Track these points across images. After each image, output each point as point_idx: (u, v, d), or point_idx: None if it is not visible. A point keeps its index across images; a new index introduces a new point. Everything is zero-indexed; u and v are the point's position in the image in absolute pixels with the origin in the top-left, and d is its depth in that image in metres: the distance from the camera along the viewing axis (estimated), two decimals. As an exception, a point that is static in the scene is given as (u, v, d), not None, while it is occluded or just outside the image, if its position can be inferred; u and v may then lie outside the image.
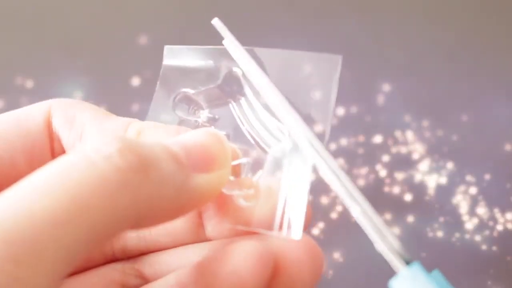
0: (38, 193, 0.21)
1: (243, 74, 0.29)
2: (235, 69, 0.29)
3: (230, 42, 0.29)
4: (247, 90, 0.29)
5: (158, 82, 0.31)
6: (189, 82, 0.31)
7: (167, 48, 0.32)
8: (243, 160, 0.28)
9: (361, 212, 0.26)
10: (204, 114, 0.29)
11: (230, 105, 0.29)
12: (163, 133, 0.28)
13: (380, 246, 0.26)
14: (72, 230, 0.21)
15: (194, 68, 0.30)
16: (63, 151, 0.29)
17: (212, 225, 0.28)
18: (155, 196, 0.23)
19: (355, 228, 0.49)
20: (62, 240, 0.20)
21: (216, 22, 0.29)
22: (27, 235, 0.20)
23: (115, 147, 0.22)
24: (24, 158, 0.29)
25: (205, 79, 0.30)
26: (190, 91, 0.30)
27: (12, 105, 0.56)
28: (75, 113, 0.29)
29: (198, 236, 0.28)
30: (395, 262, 0.25)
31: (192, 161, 0.24)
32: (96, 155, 0.22)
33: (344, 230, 0.48)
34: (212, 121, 0.29)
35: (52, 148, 0.29)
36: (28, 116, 0.30)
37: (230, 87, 0.29)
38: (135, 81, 0.57)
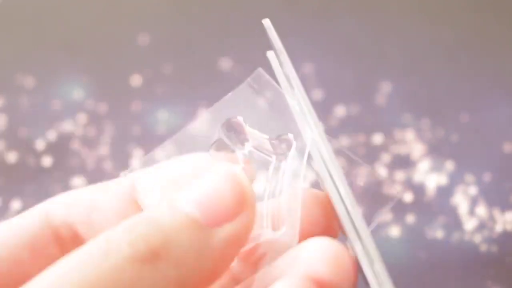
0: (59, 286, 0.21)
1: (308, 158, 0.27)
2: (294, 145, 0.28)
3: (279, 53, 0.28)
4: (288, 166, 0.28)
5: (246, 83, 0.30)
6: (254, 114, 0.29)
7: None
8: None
9: (362, 249, 0.25)
10: (246, 148, 0.28)
11: (271, 160, 0.28)
12: (177, 177, 0.27)
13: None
14: None
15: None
16: (73, 235, 0.29)
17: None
18: (178, 275, 0.22)
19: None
20: None
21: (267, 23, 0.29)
22: None
23: (124, 240, 0.22)
24: (26, 253, 0.28)
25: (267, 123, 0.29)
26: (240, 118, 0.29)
27: (12, 104, 0.56)
28: (75, 196, 0.29)
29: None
30: None
31: (210, 216, 0.23)
32: (108, 246, 0.22)
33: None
34: (247, 157, 0.28)
35: (56, 238, 0.29)
36: (25, 217, 0.29)
37: (281, 151, 0.28)
38: (135, 81, 0.57)
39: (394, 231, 0.48)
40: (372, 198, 0.29)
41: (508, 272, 0.46)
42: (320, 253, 0.24)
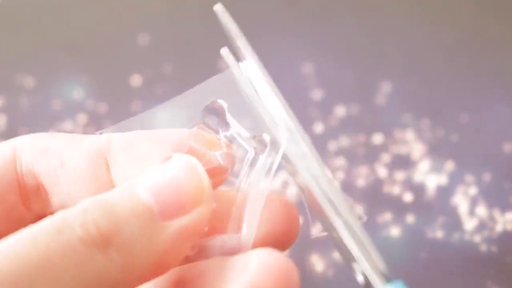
0: (5, 255, 0.21)
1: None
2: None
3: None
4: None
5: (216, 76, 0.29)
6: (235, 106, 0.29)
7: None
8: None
9: (343, 224, 0.25)
10: (229, 131, 0.28)
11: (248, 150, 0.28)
12: (150, 145, 0.27)
13: (362, 263, 0.24)
14: None
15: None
16: (36, 185, 0.28)
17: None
18: (123, 262, 0.23)
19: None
20: None
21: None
22: None
23: (78, 221, 0.22)
24: None
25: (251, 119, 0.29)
26: (224, 104, 0.29)
27: (12, 104, 0.56)
28: (46, 143, 0.29)
29: None
30: (375, 279, 0.24)
31: (165, 208, 0.23)
32: (61, 225, 0.22)
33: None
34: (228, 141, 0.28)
35: (20, 185, 0.28)
36: None
37: (259, 146, 0.28)
38: (135, 80, 0.57)
39: (394, 231, 0.48)
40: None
41: (508, 272, 0.46)
42: (269, 268, 0.23)
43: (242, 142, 0.28)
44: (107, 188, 0.27)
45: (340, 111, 0.55)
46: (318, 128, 0.54)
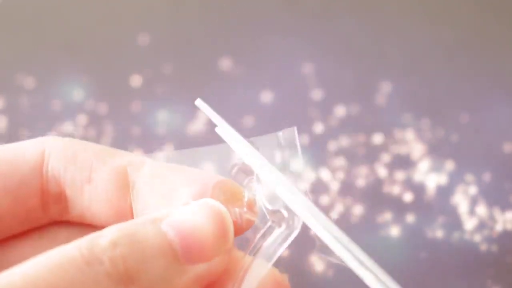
0: (34, 282, 0.21)
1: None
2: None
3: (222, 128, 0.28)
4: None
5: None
6: None
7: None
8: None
9: (375, 279, 0.25)
10: (255, 192, 0.28)
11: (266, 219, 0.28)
12: (178, 181, 0.27)
13: None
14: None
15: None
16: (59, 193, 0.28)
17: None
18: None
19: (356, 228, 0.49)
20: None
21: (199, 103, 0.28)
22: None
23: (107, 254, 0.23)
24: (8, 199, 0.28)
25: None
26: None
27: (12, 105, 0.56)
28: (76, 152, 0.28)
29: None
30: None
31: (188, 252, 0.24)
32: (90, 256, 0.22)
33: (344, 230, 0.48)
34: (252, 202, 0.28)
35: (43, 190, 0.28)
36: (19, 155, 0.28)
37: (276, 219, 0.28)
38: (136, 81, 0.57)
39: (394, 231, 0.48)
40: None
41: (508, 272, 0.46)
42: None
43: (263, 209, 0.28)
44: (126, 211, 0.28)
45: (340, 111, 0.55)
46: (318, 128, 0.54)
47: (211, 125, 0.29)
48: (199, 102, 0.28)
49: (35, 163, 0.28)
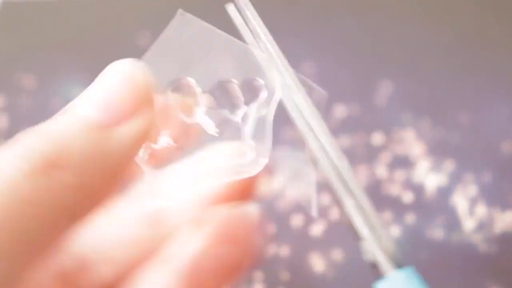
0: None
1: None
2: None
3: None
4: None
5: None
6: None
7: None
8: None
9: (355, 205, 0.24)
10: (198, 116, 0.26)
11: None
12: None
13: (372, 244, 0.24)
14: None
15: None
16: None
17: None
18: (80, 183, 0.21)
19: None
20: None
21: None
22: None
23: (18, 155, 0.21)
24: None
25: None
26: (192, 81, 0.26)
27: (12, 104, 0.56)
28: None
29: (155, 240, 0.27)
30: (385, 263, 0.23)
31: (108, 115, 0.22)
32: (6, 166, 0.21)
33: (344, 230, 0.48)
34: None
35: None
36: None
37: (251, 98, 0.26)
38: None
39: (394, 231, 0.48)
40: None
41: (508, 272, 0.46)
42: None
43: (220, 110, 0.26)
44: None
45: (340, 111, 0.55)
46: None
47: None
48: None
49: None
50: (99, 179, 0.22)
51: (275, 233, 0.48)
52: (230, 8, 0.27)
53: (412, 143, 0.53)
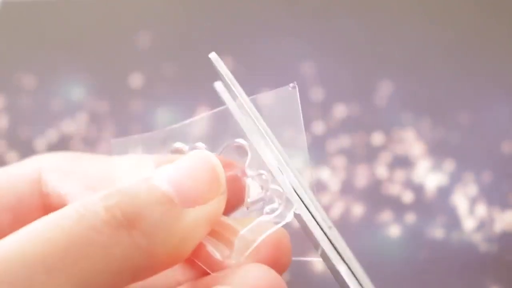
0: (31, 239, 0.21)
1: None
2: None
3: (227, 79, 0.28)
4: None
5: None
6: None
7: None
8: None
9: (346, 270, 0.26)
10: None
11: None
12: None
13: None
14: (65, 278, 0.21)
15: None
16: (62, 205, 0.29)
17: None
18: (147, 246, 0.23)
19: (355, 228, 0.49)
20: (54, 286, 0.21)
21: (213, 56, 0.29)
22: (19, 278, 0.20)
23: (101, 205, 0.23)
24: (8, 216, 0.29)
25: None
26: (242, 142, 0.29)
27: (12, 104, 0.56)
28: (71, 167, 0.29)
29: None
30: None
31: (184, 197, 0.24)
32: (85, 210, 0.22)
33: (344, 230, 0.48)
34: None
35: (45, 205, 0.29)
36: (15, 174, 0.30)
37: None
38: (136, 80, 0.57)
39: (394, 231, 0.48)
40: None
41: (508, 272, 0.46)
42: (265, 279, 0.25)
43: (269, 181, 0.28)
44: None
45: (340, 111, 0.55)
46: (318, 128, 0.54)
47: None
48: (213, 56, 0.29)
49: (32, 180, 0.29)
50: (164, 248, 0.24)
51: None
52: (218, 85, 0.28)
53: (412, 143, 0.53)
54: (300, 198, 0.27)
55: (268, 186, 0.27)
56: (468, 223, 0.49)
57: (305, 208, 0.27)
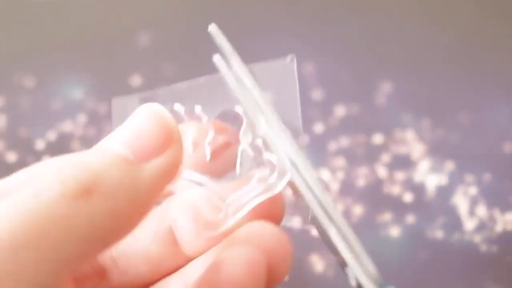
0: None
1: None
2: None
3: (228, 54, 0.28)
4: None
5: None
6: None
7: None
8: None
9: (336, 232, 0.26)
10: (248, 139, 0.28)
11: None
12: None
13: (355, 268, 0.26)
14: (33, 255, 0.21)
15: None
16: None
17: (188, 242, 0.28)
18: (112, 209, 0.23)
19: (356, 228, 0.49)
20: (24, 264, 0.21)
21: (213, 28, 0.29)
22: None
23: (55, 179, 0.23)
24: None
25: None
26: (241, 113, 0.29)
27: (12, 104, 0.56)
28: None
29: (177, 257, 0.28)
30: (368, 284, 0.25)
31: (138, 152, 0.24)
32: (39, 186, 0.22)
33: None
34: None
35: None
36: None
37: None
38: (136, 80, 0.57)
39: (394, 231, 0.48)
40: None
41: (508, 272, 0.46)
42: (271, 235, 0.26)
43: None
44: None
45: (340, 111, 0.55)
46: (318, 128, 0.54)
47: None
48: (213, 28, 0.29)
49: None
50: (130, 207, 0.24)
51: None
52: (216, 58, 0.28)
53: (412, 144, 0.53)
54: (294, 165, 0.27)
55: (261, 154, 0.27)
56: (469, 224, 0.49)
57: (297, 173, 0.27)
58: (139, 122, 0.26)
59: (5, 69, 0.59)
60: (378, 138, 0.53)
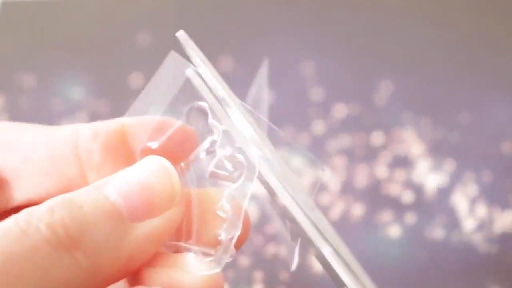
0: None
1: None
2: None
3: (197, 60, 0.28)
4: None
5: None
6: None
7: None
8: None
9: (332, 252, 0.25)
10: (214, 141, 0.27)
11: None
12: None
13: None
14: None
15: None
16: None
17: None
18: (92, 268, 0.22)
19: (355, 228, 0.49)
20: None
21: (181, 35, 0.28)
22: None
23: (44, 221, 0.22)
24: None
25: None
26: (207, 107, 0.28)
27: (12, 104, 0.56)
28: (9, 138, 0.28)
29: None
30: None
31: (134, 210, 0.23)
32: (27, 226, 0.22)
33: (344, 230, 0.48)
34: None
35: None
36: None
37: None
38: (136, 80, 0.57)
39: (394, 231, 0.48)
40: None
41: (508, 272, 0.46)
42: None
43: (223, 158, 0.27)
44: (78, 182, 0.27)
45: (340, 110, 0.55)
46: (318, 128, 0.54)
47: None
48: (181, 34, 0.28)
49: None
50: (110, 269, 0.23)
51: (274, 233, 0.48)
52: (189, 71, 0.27)
53: (412, 143, 0.53)
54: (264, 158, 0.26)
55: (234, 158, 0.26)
56: (468, 224, 0.49)
57: (268, 174, 0.26)
58: (144, 176, 0.24)
59: (5, 69, 0.59)
60: (378, 138, 0.53)
